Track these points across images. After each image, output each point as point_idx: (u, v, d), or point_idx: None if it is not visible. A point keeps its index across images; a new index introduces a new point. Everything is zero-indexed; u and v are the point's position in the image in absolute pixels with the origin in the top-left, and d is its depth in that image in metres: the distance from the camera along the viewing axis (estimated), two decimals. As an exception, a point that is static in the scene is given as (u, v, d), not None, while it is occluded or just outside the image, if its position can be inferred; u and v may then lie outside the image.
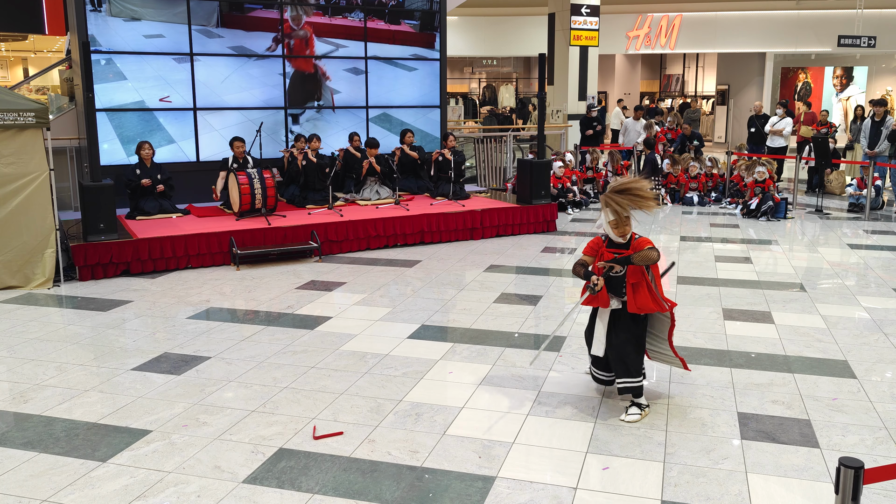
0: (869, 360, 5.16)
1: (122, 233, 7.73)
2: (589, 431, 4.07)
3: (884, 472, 2.34)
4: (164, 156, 9.31)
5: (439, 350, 5.33)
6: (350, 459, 3.77)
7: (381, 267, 7.87)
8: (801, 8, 19.64)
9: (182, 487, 3.50)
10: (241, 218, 8.48)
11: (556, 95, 15.16)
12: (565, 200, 11.29)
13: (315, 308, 6.35)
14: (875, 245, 9.08)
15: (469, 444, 3.92)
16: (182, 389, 4.63)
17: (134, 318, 6.11)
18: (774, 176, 11.85)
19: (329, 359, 5.16)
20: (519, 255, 8.40)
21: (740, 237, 9.50)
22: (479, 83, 24.84)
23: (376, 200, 9.65)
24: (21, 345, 5.45)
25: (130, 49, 9.13)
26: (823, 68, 22.27)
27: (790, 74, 22.54)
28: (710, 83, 23.93)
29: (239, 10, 9.66)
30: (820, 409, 4.37)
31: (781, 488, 3.51)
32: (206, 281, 7.26)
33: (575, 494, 3.45)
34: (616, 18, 19.99)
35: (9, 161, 6.72)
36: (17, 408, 4.38)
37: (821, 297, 6.69)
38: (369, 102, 10.75)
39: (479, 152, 12.87)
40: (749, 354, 5.26)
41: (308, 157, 9.34)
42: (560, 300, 6.63)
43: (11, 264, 6.87)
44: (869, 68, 22.03)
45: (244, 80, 9.85)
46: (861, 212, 11.33)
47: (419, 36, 10.92)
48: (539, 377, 4.83)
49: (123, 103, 9.17)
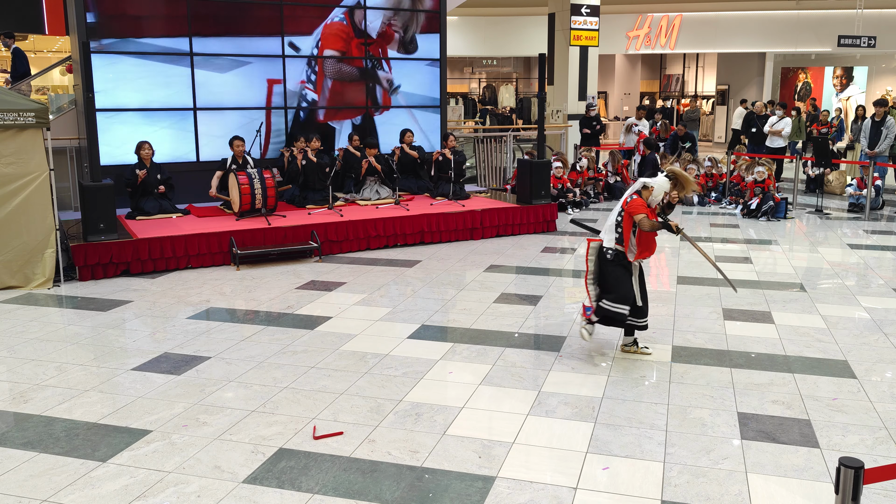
0: (869, 360, 5.17)
1: (122, 233, 7.73)
2: (589, 431, 4.07)
3: (884, 472, 2.34)
4: (164, 156, 9.31)
5: (439, 350, 5.33)
6: (350, 459, 3.77)
7: (381, 267, 7.87)
8: (801, 8, 19.64)
9: (182, 487, 3.50)
10: (241, 218, 8.48)
11: (556, 95, 15.16)
12: (565, 200, 11.29)
13: (315, 308, 6.35)
14: (875, 245, 9.08)
15: (469, 444, 3.92)
16: (182, 389, 4.63)
17: (134, 318, 6.11)
18: (773, 176, 11.84)
19: (329, 359, 5.16)
20: (519, 255, 8.40)
21: (740, 237, 9.50)
22: (479, 83, 24.84)
23: (376, 200, 9.65)
24: (21, 345, 5.45)
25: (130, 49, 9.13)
26: (823, 68, 22.28)
27: (790, 74, 22.54)
28: (710, 83, 23.94)
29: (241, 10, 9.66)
30: (820, 409, 4.37)
31: (781, 488, 3.51)
32: (206, 281, 7.26)
33: (575, 494, 3.45)
34: (616, 18, 19.98)
35: (9, 161, 6.72)
36: (17, 408, 4.38)
37: (821, 297, 6.69)
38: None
39: (479, 152, 12.87)
40: (749, 354, 5.26)
41: (308, 157, 9.34)
42: (560, 300, 6.63)
43: (11, 264, 6.87)
44: (869, 68, 22.04)
45: (244, 80, 9.85)
46: (861, 212, 11.33)
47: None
48: (539, 377, 4.83)
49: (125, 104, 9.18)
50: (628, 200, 4.93)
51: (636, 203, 4.88)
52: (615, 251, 4.98)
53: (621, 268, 5.00)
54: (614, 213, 5.01)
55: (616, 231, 4.97)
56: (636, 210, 4.86)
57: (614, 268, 4.99)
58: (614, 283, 4.97)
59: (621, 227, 4.95)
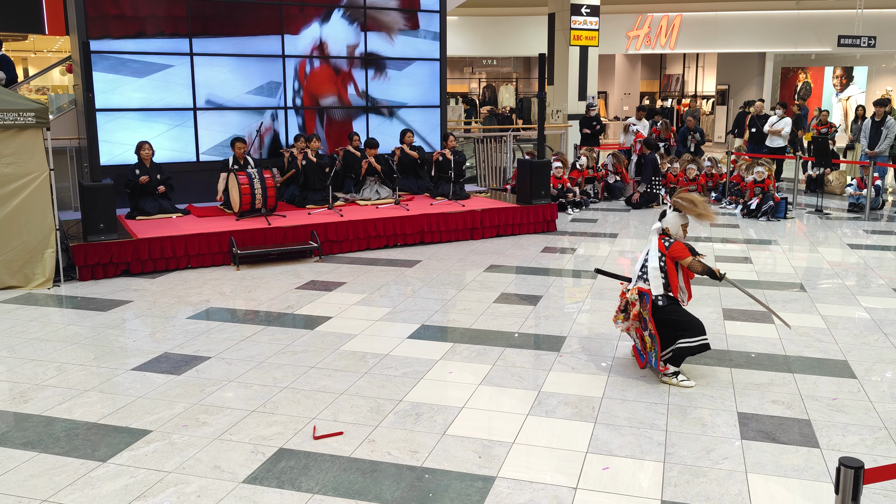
0: (869, 360, 5.17)
1: (122, 233, 7.73)
2: (589, 431, 4.07)
3: (884, 472, 2.34)
4: (164, 156, 9.31)
5: (439, 350, 5.33)
6: (350, 459, 3.77)
7: (381, 267, 7.87)
8: (801, 8, 19.64)
9: (182, 487, 3.50)
10: (241, 218, 8.48)
11: (556, 95, 15.16)
12: (565, 200, 11.29)
13: (315, 308, 6.35)
14: (875, 245, 9.08)
15: (469, 444, 3.92)
16: (182, 389, 4.63)
17: (134, 318, 6.11)
18: (773, 176, 11.84)
19: (329, 359, 5.16)
20: (519, 255, 8.40)
21: (740, 237, 9.50)
22: (479, 83, 24.85)
23: (376, 200, 9.65)
24: (21, 345, 5.45)
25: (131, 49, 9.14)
26: (823, 68, 22.28)
27: (790, 74, 22.55)
28: (710, 83, 23.94)
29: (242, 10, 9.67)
30: (820, 409, 4.37)
31: (781, 488, 3.51)
32: (206, 281, 7.26)
33: (575, 494, 3.45)
34: (616, 18, 19.99)
35: (9, 161, 6.72)
36: (17, 408, 4.38)
37: (821, 297, 6.69)
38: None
39: (479, 152, 12.87)
40: (749, 354, 5.26)
41: (308, 157, 9.34)
42: (560, 300, 6.63)
43: (11, 264, 6.87)
44: (869, 68, 22.05)
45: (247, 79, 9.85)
46: (861, 212, 11.33)
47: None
48: (539, 377, 4.83)
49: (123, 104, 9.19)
50: (667, 246, 4.69)
51: (678, 247, 4.67)
52: (665, 296, 4.71)
53: (675, 305, 4.74)
54: (652, 259, 4.75)
55: (662, 277, 4.70)
56: (682, 254, 4.66)
57: (672, 308, 4.71)
58: (682, 322, 4.69)
59: (666, 272, 4.70)
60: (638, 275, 4.85)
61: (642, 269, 4.81)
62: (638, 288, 4.75)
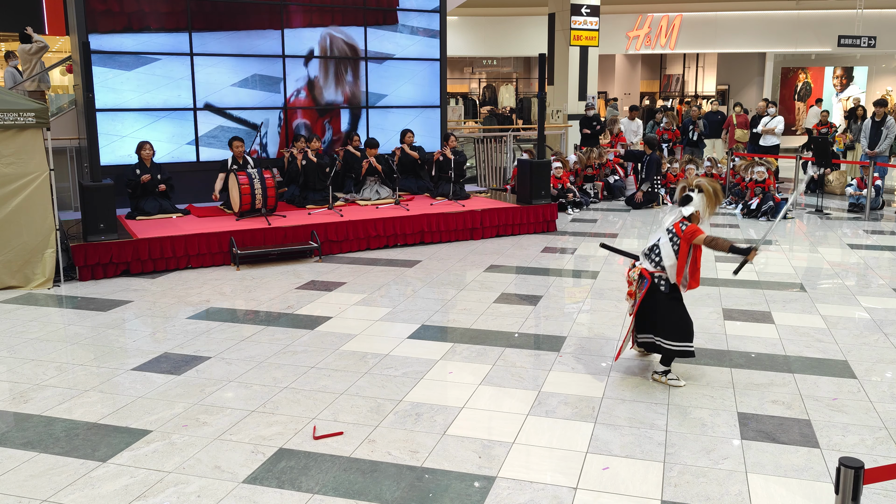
0: (869, 360, 5.17)
1: (122, 233, 7.73)
2: (589, 431, 4.07)
3: (884, 472, 2.34)
4: (164, 156, 9.31)
5: (439, 350, 5.33)
6: (350, 459, 3.77)
7: (381, 267, 7.87)
8: (801, 8, 19.64)
9: (182, 487, 3.50)
10: (241, 218, 8.48)
11: (556, 95, 15.16)
12: (565, 200, 11.29)
13: (315, 308, 6.35)
14: (875, 245, 9.08)
15: (469, 444, 3.92)
16: (182, 389, 4.63)
17: (134, 318, 6.11)
18: (773, 176, 11.84)
19: (329, 359, 5.16)
20: (519, 255, 8.40)
21: (740, 237, 9.50)
22: (479, 83, 24.84)
23: (376, 200, 9.65)
24: (21, 345, 5.45)
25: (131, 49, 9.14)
26: (823, 68, 22.28)
27: (790, 74, 22.55)
28: (710, 83, 23.93)
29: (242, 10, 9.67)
30: (820, 409, 4.37)
31: (781, 488, 3.51)
32: (206, 281, 7.26)
33: (575, 494, 3.45)
34: (616, 18, 19.99)
35: (9, 161, 6.72)
36: (17, 408, 4.38)
37: (821, 297, 6.69)
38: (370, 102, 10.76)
39: (479, 152, 12.87)
40: (749, 354, 5.26)
41: (308, 157, 9.34)
42: (560, 300, 6.63)
43: (11, 264, 6.87)
44: (869, 68, 22.05)
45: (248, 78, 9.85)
46: (861, 212, 11.33)
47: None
48: (539, 377, 4.83)
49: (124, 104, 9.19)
50: (682, 229, 4.53)
51: (694, 227, 4.52)
52: (668, 282, 4.61)
53: (675, 301, 4.66)
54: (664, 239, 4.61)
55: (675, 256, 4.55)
56: (698, 232, 4.50)
57: (670, 302, 4.63)
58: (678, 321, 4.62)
59: (677, 256, 4.55)
60: (645, 253, 4.75)
61: (652, 250, 4.66)
62: (641, 269, 4.71)
